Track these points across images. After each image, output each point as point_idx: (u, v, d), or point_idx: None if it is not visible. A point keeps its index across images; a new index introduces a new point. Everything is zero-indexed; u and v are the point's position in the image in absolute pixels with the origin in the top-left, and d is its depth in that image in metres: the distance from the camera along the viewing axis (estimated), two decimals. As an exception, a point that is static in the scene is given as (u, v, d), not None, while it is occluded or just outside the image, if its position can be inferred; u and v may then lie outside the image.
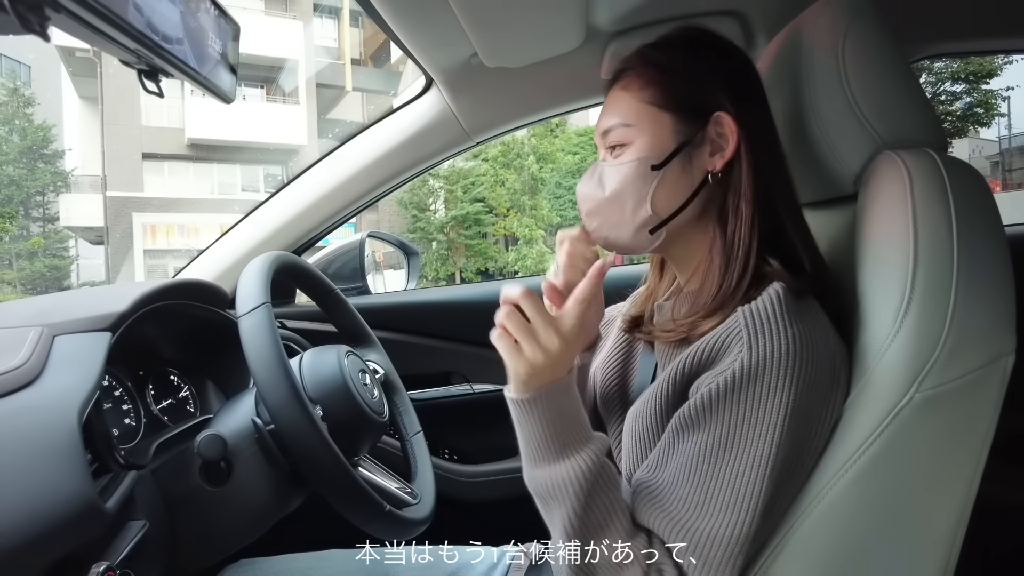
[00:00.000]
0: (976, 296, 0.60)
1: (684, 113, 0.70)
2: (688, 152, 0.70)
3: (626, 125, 0.72)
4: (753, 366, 0.59)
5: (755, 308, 0.62)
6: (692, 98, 0.71)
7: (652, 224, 0.71)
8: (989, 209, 0.64)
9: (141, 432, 0.91)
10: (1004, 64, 12.81)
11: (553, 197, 14.38)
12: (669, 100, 0.71)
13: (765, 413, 0.59)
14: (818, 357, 0.60)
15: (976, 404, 0.61)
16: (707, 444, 0.61)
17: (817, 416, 0.62)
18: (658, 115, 0.71)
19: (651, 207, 0.70)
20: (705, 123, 0.70)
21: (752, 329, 0.61)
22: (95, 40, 0.48)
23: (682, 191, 0.70)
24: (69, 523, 0.61)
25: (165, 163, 15.67)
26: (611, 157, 0.73)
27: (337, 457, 0.75)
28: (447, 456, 1.43)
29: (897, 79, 0.70)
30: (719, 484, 0.60)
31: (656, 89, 0.71)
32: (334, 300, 1.07)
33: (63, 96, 16.40)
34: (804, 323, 0.61)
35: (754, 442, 0.59)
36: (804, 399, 0.59)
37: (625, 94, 0.73)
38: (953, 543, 0.64)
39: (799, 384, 0.59)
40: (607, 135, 0.73)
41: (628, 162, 0.70)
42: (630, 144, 0.71)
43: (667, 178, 0.70)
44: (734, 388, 0.60)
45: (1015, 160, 16.35)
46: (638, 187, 0.70)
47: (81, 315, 0.78)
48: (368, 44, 18.36)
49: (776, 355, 0.59)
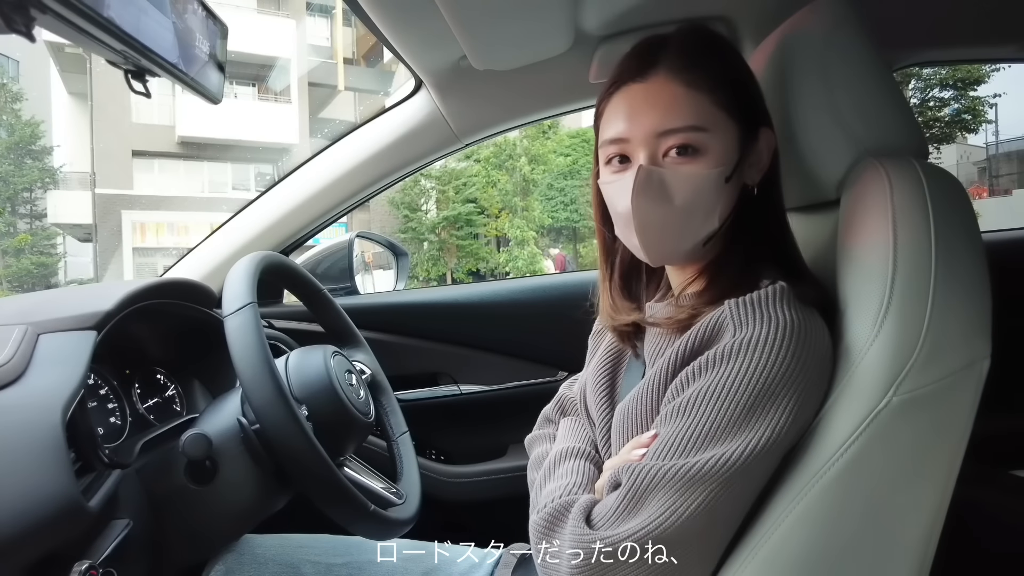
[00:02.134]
0: (953, 301, 0.61)
1: (745, 123, 0.68)
2: (742, 165, 0.68)
3: (699, 129, 0.64)
4: (738, 343, 0.60)
5: (743, 299, 0.62)
6: (750, 108, 0.69)
7: (710, 237, 0.68)
8: (967, 216, 0.65)
9: (126, 431, 0.90)
10: (991, 71, 12.95)
11: (545, 199, 14.38)
12: (736, 106, 0.67)
13: (752, 376, 0.58)
14: (811, 342, 0.60)
15: (952, 407, 0.62)
16: (687, 396, 0.61)
17: (805, 400, 0.61)
18: (727, 121, 0.66)
19: (718, 219, 0.67)
20: (756, 135, 0.69)
21: (738, 317, 0.61)
22: (81, 40, 0.48)
23: (731, 203, 0.69)
24: (51, 522, 0.61)
25: (155, 160, 15.55)
26: (669, 162, 0.66)
27: (322, 457, 0.75)
28: (434, 457, 1.43)
29: (880, 86, 0.71)
30: (698, 427, 0.59)
31: (726, 92, 0.66)
32: (321, 300, 1.07)
33: (52, 92, 16.25)
34: (796, 311, 0.61)
35: (739, 403, 0.58)
36: (794, 377, 0.59)
37: (693, 92, 0.65)
38: (929, 544, 0.65)
39: (789, 360, 0.58)
40: (667, 136, 0.65)
41: (706, 174, 0.65)
42: (704, 152, 0.65)
43: (729, 190, 0.67)
44: (718, 359, 0.60)
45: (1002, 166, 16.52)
46: (710, 199, 0.66)
47: (66, 313, 0.78)
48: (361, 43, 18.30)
49: (763, 333, 0.59)
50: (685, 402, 0.61)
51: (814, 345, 0.61)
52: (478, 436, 1.40)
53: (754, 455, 0.58)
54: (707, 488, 0.58)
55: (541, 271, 13.04)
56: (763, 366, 0.59)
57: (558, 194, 14.25)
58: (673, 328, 0.70)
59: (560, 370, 1.48)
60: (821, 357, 0.62)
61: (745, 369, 0.59)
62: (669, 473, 0.59)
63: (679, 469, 0.59)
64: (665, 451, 0.61)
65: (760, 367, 0.59)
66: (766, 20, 0.95)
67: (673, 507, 0.58)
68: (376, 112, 1.31)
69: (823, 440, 0.62)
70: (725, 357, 0.60)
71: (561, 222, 14.35)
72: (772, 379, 0.58)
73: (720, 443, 0.59)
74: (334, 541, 0.95)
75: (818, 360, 0.61)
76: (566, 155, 14.48)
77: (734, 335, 0.61)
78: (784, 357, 0.59)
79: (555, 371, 1.49)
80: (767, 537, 0.63)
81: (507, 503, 1.06)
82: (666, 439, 0.61)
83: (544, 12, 0.91)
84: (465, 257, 14.92)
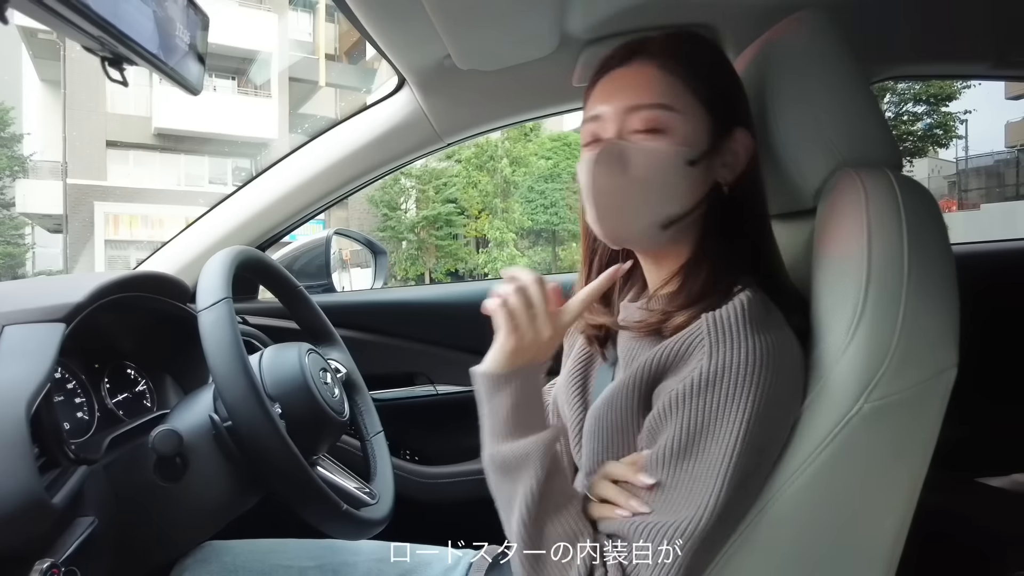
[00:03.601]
0: (923, 311, 0.62)
1: (718, 116, 0.68)
2: (711, 157, 0.68)
3: (665, 107, 0.66)
4: (713, 372, 0.60)
5: (719, 316, 0.62)
6: (726, 104, 0.70)
7: (668, 220, 0.68)
8: (938, 227, 0.66)
9: (94, 426, 0.88)
10: (963, 88, 13.27)
11: (525, 201, 14.41)
12: (710, 96, 0.68)
13: (727, 416, 0.59)
14: (782, 366, 0.61)
15: (920, 415, 0.64)
16: (667, 445, 0.61)
17: (778, 424, 0.63)
18: (697, 108, 0.67)
19: (676, 203, 0.67)
20: (729, 133, 0.69)
21: (714, 336, 0.61)
22: (56, 25, 0.47)
23: (696, 194, 0.69)
24: (12, 518, 0.59)
25: (130, 152, 15.27)
26: (635, 137, 0.67)
27: (294, 455, 0.74)
28: (408, 457, 1.43)
29: (857, 98, 0.72)
30: (677, 483, 0.60)
31: (703, 81, 0.68)
32: (297, 297, 1.06)
33: (23, 78, 15.88)
34: (768, 332, 0.61)
35: (715, 444, 0.59)
36: (766, 407, 0.59)
37: (666, 74, 0.67)
38: (896, 547, 0.66)
39: (761, 391, 0.59)
40: (635, 111, 0.67)
41: (666, 150, 0.66)
42: (667, 130, 0.66)
43: (693, 177, 0.67)
44: (695, 392, 0.60)
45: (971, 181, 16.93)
46: (669, 178, 0.66)
47: (34, 304, 0.76)
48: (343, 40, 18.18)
49: (737, 362, 0.59)
50: (675, 443, 0.61)
51: (787, 367, 0.62)
52: (454, 437, 1.39)
53: (736, 456, 0.59)
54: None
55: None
56: (743, 393, 0.59)
57: (538, 197, 14.28)
58: (644, 332, 0.71)
59: (537, 372, 1.48)
60: (793, 375, 0.63)
61: (727, 397, 0.59)
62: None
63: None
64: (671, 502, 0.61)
65: (740, 394, 0.59)
66: (748, 29, 0.96)
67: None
68: (357, 109, 1.29)
69: (796, 445, 0.63)
70: (705, 387, 0.60)
71: (541, 225, 14.38)
72: (750, 403, 0.59)
73: (714, 475, 0.59)
74: (306, 544, 0.93)
75: (790, 379, 0.63)
76: (547, 158, 14.51)
77: (710, 359, 0.61)
78: (761, 384, 0.59)
79: (533, 373, 1.49)
80: (739, 540, 0.63)
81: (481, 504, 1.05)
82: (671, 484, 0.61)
83: (530, 14, 0.91)
84: (444, 257, 14.89)
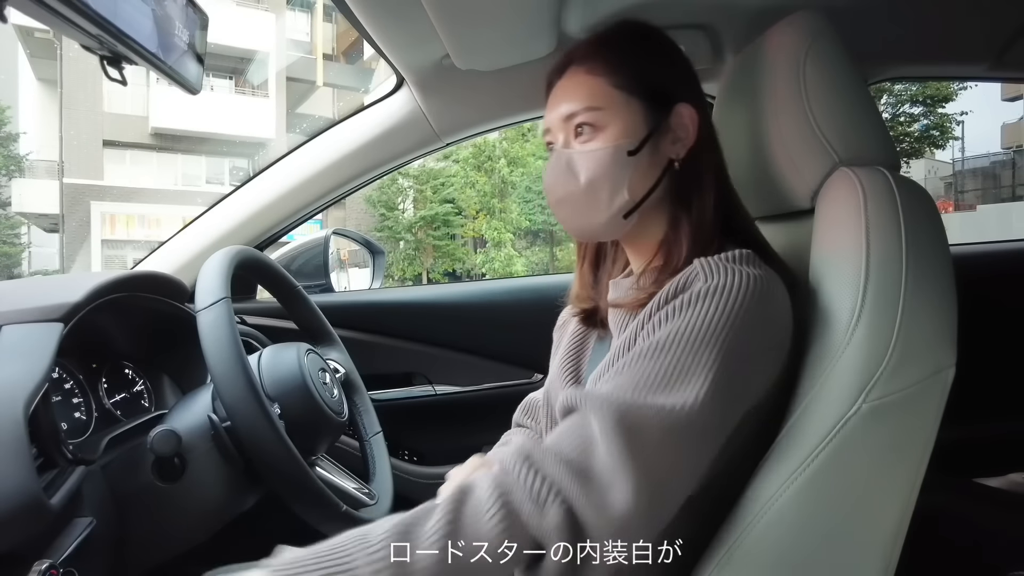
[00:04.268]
0: (922, 310, 0.62)
1: (651, 100, 0.72)
2: (656, 139, 0.72)
3: (595, 108, 0.71)
4: (703, 289, 0.61)
5: (710, 258, 0.65)
6: (658, 86, 0.72)
7: (627, 209, 0.72)
8: (936, 227, 0.66)
9: (92, 426, 0.88)
10: (959, 89, 13.30)
11: (523, 201, 14.39)
12: (638, 87, 0.71)
13: (710, 323, 0.59)
14: (771, 295, 0.62)
15: (918, 415, 0.64)
16: (646, 346, 0.61)
17: (755, 361, 0.62)
18: (628, 100, 0.71)
19: (628, 192, 0.71)
20: (668, 112, 0.72)
21: (707, 269, 0.63)
22: (55, 23, 0.47)
23: (650, 177, 0.72)
24: (11, 519, 0.59)
25: (127, 151, 15.21)
26: (576, 142, 0.73)
27: (293, 456, 0.74)
28: (406, 457, 1.42)
29: (854, 99, 0.72)
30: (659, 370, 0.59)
31: (625, 74, 0.72)
32: (296, 297, 1.06)
33: (19, 77, 15.80)
34: (757, 268, 0.63)
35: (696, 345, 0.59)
36: (747, 331, 0.60)
37: (591, 78, 0.72)
38: (894, 549, 0.66)
39: (747, 311, 0.60)
40: (571, 119, 0.72)
41: (603, 148, 0.71)
42: (602, 129, 0.71)
43: (640, 164, 0.71)
44: (681, 306, 0.62)
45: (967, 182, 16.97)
46: (614, 173, 0.71)
47: (31, 304, 0.76)
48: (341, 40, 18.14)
49: (726, 283, 0.61)
50: (660, 342, 0.61)
51: (777, 298, 0.64)
52: (452, 437, 1.39)
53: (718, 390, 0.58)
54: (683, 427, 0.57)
55: (517, 273, 13.05)
56: (731, 307, 0.60)
57: (536, 197, 14.25)
58: (635, 308, 0.71)
59: (536, 372, 1.48)
60: (781, 309, 0.64)
61: (716, 309, 0.60)
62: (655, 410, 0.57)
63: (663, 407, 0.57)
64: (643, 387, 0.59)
65: (729, 308, 0.60)
66: (746, 30, 0.96)
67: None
68: (355, 109, 1.29)
69: (796, 444, 0.63)
70: (696, 299, 0.61)
71: (538, 225, 14.36)
72: (736, 321, 0.59)
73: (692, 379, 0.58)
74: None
75: (779, 311, 0.64)
76: (545, 158, 14.43)
77: (705, 282, 0.62)
78: (749, 303, 0.60)
79: (531, 373, 1.49)
80: (743, 537, 0.63)
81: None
82: (642, 375, 0.60)
83: (528, 14, 0.92)
84: (441, 257, 14.87)
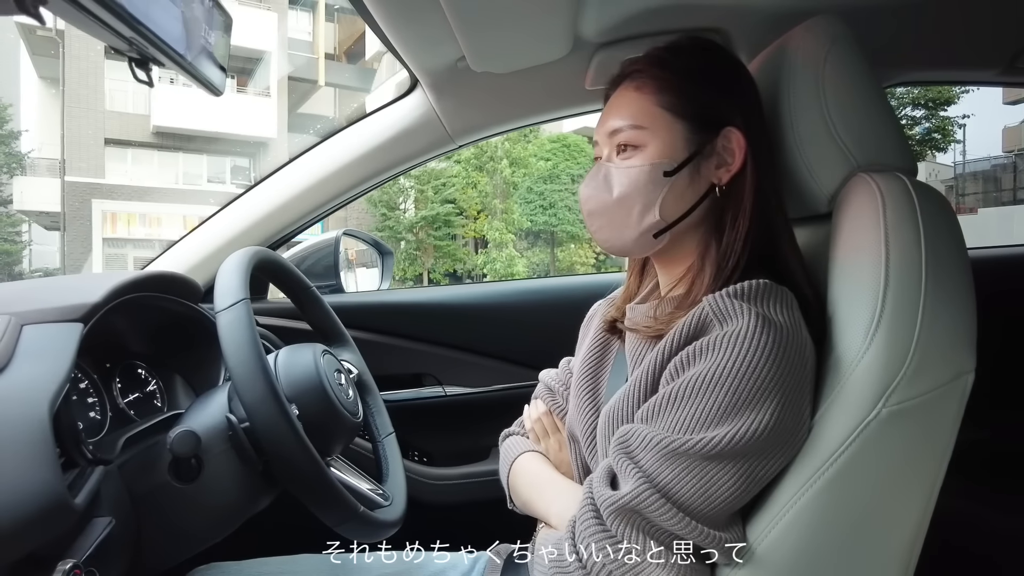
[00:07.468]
0: (942, 315, 0.62)
1: (697, 123, 0.71)
2: (698, 162, 0.71)
3: (638, 127, 0.71)
4: (727, 334, 0.61)
5: (719, 295, 0.64)
6: (707, 109, 0.72)
7: (657, 229, 0.72)
8: (955, 233, 0.66)
9: (107, 426, 0.88)
10: (961, 93, 13.32)
11: (524, 202, 14.39)
12: (685, 108, 0.71)
13: (743, 365, 0.60)
14: (789, 343, 0.62)
15: (938, 420, 0.64)
16: (684, 383, 0.62)
17: (804, 393, 0.63)
18: (672, 121, 0.71)
19: (659, 212, 0.71)
20: (715, 135, 0.71)
21: (721, 304, 0.63)
22: (88, 26, 0.47)
23: (688, 199, 0.72)
24: (39, 519, 0.59)
25: (129, 150, 15.23)
26: (617, 158, 0.73)
27: (313, 457, 0.74)
28: (416, 458, 1.43)
29: (873, 103, 0.72)
30: (702, 409, 0.61)
31: (672, 95, 0.72)
32: (310, 298, 1.06)
33: (21, 75, 15.80)
34: (770, 309, 0.63)
35: (740, 383, 0.60)
36: (790, 367, 0.60)
37: (639, 95, 0.73)
38: (912, 553, 0.67)
39: (780, 354, 0.60)
40: (615, 135, 0.73)
41: (640, 166, 0.71)
42: (642, 147, 0.71)
43: (676, 185, 0.71)
44: (711, 346, 0.62)
45: (968, 185, 17.00)
46: (648, 191, 0.71)
47: (51, 304, 0.76)
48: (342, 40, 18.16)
49: (749, 326, 0.61)
50: (679, 389, 0.62)
51: (795, 346, 0.62)
52: (462, 438, 1.39)
53: (756, 437, 0.59)
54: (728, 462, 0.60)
55: (518, 274, 13.05)
56: (751, 357, 0.60)
57: (537, 198, 14.27)
58: (650, 335, 0.72)
59: (546, 374, 1.48)
60: (800, 349, 0.63)
61: (734, 359, 0.60)
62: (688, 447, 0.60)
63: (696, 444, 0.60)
64: (674, 431, 0.62)
65: (748, 357, 0.60)
66: (762, 34, 0.96)
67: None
68: (369, 110, 1.30)
69: (815, 448, 0.63)
70: (714, 346, 0.62)
71: (540, 226, 14.36)
72: (760, 372, 0.60)
73: (724, 423, 0.60)
74: (314, 560, 0.93)
75: (799, 353, 0.63)
76: (546, 159, 14.50)
77: (722, 329, 0.62)
78: (768, 351, 0.60)
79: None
80: (760, 540, 0.64)
81: (489, 506, 1.05)
82: (671, 424, 0.62)
83: (545, 17, 0.92)
84: (442, 258, 14.87)
